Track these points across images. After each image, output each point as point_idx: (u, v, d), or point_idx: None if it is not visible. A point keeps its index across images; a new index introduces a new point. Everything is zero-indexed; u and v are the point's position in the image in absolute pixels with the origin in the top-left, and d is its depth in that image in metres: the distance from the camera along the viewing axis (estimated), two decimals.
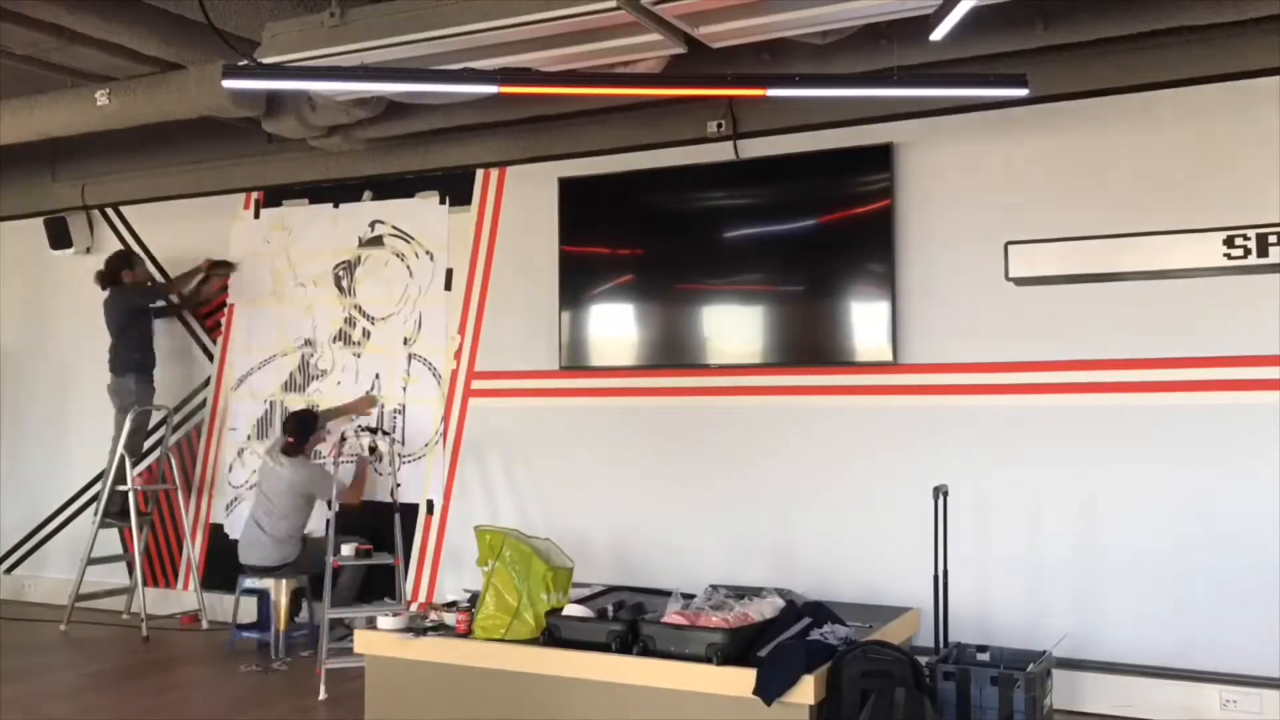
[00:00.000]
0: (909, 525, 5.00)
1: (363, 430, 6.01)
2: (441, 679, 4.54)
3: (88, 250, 7.47)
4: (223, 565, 6.63)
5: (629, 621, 4.32)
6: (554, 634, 4.41)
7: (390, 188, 6.54)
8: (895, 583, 5.08)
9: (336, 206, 6.69)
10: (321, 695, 5.08)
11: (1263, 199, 4.59)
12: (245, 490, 6.73)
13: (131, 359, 6.70)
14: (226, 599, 6.33)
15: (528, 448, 6.07)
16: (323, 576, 5.64)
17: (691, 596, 4.52)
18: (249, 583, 6.04)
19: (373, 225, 6.59)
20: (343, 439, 5.88)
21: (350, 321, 6.63)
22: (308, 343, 6.75)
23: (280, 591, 5.89)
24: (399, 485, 5.82)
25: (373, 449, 5.94)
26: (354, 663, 4.89)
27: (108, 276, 6.78)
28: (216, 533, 6.90)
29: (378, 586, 5.99)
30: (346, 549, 5.58)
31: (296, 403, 6.68)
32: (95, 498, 6.99)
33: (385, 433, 5.91)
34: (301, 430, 6.04)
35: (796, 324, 5.48)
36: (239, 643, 6.02)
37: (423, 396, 6.39)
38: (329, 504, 5.60)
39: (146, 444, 6.93)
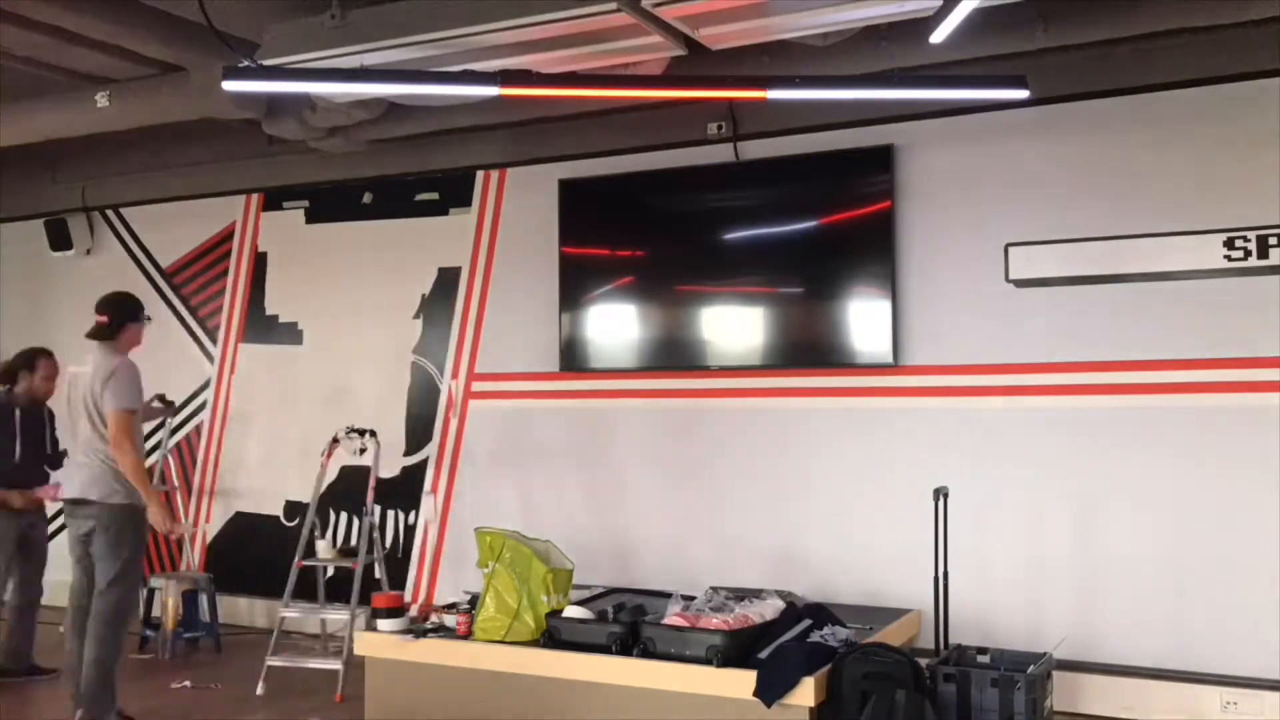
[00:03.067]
0: (909, 527, 5.00)
1: (353, 432, 5.98)
2: (442, 681, 4.54)
3: (88, 252, 7.48)
4: (225, 566, 6.64)
5: (629, 623, 4.33)
6: (554, 636, 4.41)
7: (390, 189, 6.54)
8: (895, 585, 5.08)
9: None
10: (259, 690, 5.17)
11: (1263, 200, 4.59)
12: None
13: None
14: (227, 600, 6.33)
15: (528, 449, 6.07)
16: None
17: (692, 598, 4.52)
18: (153, 582, 6.08)
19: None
20: (335, 441, 5.89)
21: None
22: None
23: (169, 591, 5.91)
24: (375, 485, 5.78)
25: (363, 450, 5.95)
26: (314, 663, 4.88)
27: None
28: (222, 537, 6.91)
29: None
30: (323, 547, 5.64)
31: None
32: None
33: (373, 434, 5.90)
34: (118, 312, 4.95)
35: (797, 326, 5.48)
36: (149, 643, 6.05)
37: (422, 397, 6.40)
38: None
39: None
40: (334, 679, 5.18)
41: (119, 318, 4.89)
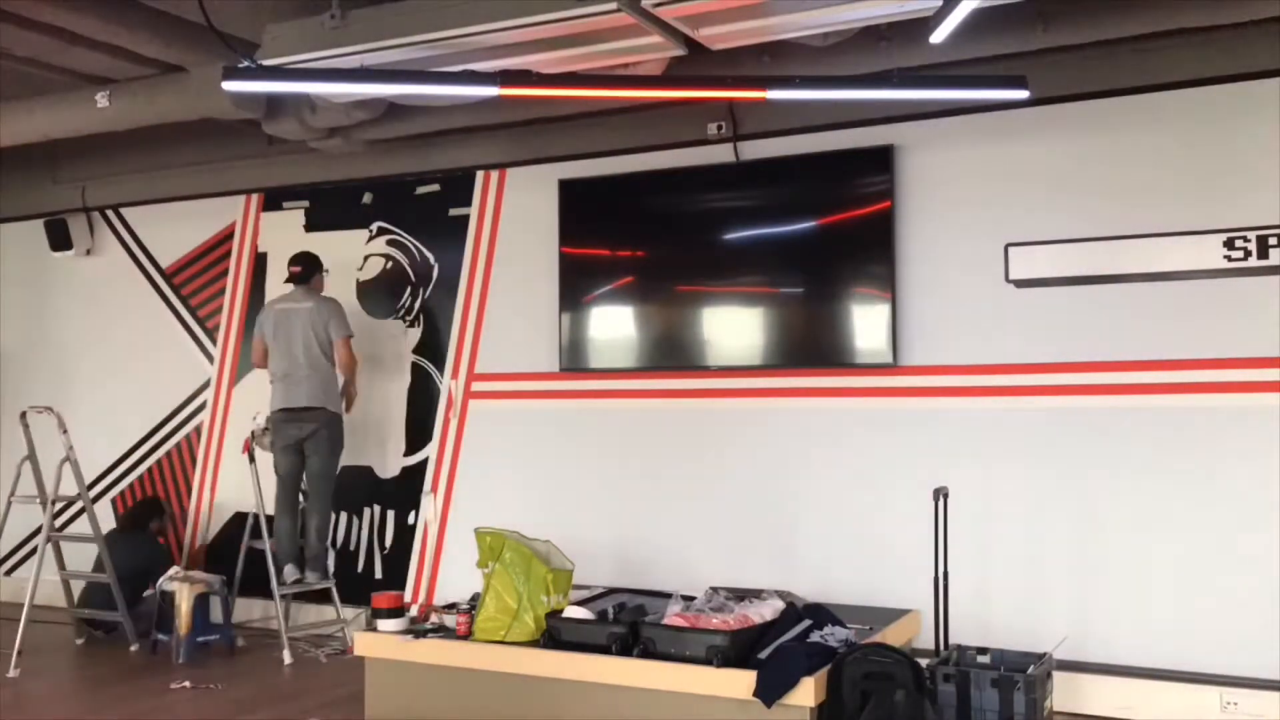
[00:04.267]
0: (909, 527, 5.00)
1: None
2: (442, 681, 4.54)
3: (88, 252, 7.48)
4: (225, 567, 6.64)
5: (629, 623, 4.33)
6: (554, 636, 4.41)
7: (390, 190, 6.54)
8: (895, 585, 5.08)
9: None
10: (286, 658, 5.34)
11: (1263, 200, 4.59)
12: None
13: None
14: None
15: (528, 449, 6.07)
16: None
17: (692, 598, 4.52)
18: (162, 584, 5.98)
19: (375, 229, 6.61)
20: (253, 434, 6.15)
21: None
22: None
23: (183, 595, 5.81)
24: None
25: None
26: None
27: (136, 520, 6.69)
28: (222, 538, 6.92)
29: None
30: None
31: None
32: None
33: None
34: (311, 264, 6.21)
35: (797, 326, 5.48)
36: (162, 646, 5.93)
37: (422, 398, 6.40)
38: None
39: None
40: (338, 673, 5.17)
41: (310, 268, 6.19)
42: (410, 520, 6.38)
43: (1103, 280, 4.86)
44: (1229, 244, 4.62)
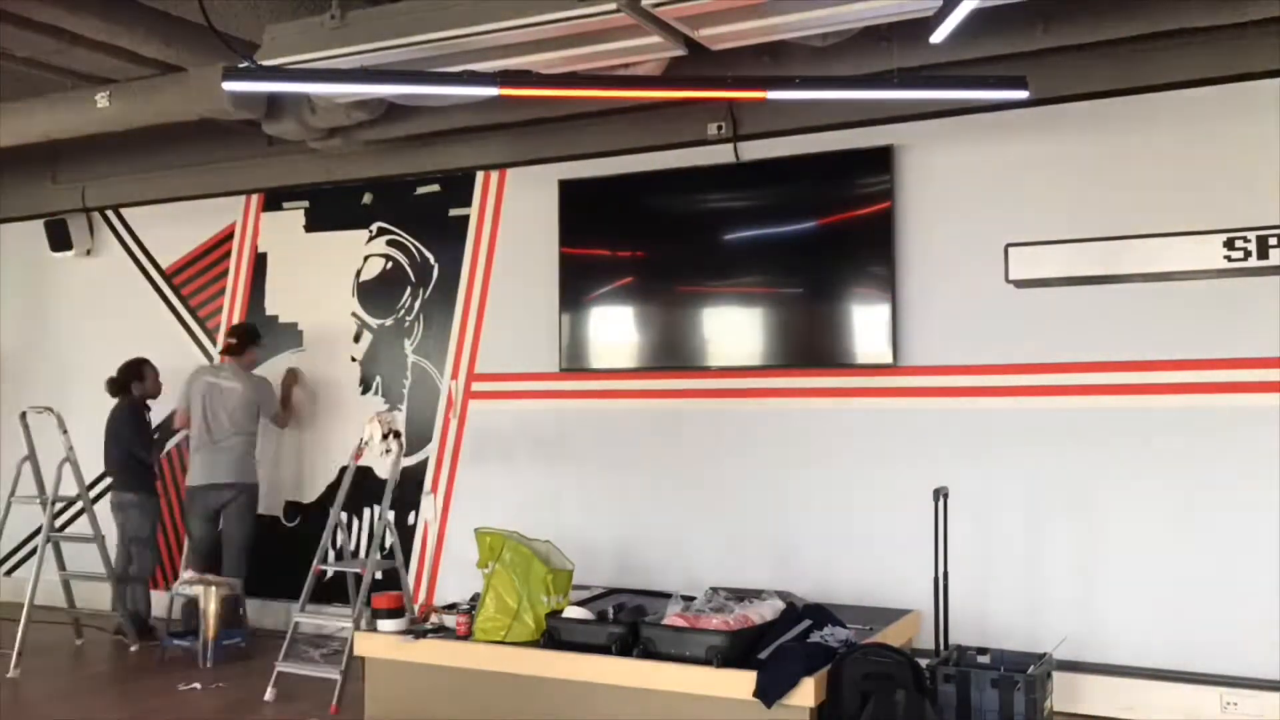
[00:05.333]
0: (909, 527, 5.00)
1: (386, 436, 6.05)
2: (442, 681, 4.55)
3: (88, 252, 7.48)
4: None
5: (629, 624, 4.33)
6: (554, 636, 4.42)
7: (390, 190, 6.54)
8: (895, 585, 5.08)
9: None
10: (268, 695, 5.13)
11: (1263, 201, 4.59)
12: None
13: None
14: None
15: (528, 450, 6.07)
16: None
17: (692, 599, 4.52)
18: (180, 587, 5.94)
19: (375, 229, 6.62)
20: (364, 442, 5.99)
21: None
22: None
23: (209, 598, 5.79)
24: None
25: (388, 451, 5.99)
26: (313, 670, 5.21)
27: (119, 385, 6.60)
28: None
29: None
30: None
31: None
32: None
33: (397, 434, 5.92)
34: (247, 337, 6.50)
35: (797, 326, 5.47)
36: (169, 650, 5.90)
37: (422, 397, 6.40)
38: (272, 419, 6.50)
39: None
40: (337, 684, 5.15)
41: (246, 341, 6.48)
42: (410, 520, 6.38)
43: (1103, 280, 4.86)
44: (1229, 244, 4.62)
